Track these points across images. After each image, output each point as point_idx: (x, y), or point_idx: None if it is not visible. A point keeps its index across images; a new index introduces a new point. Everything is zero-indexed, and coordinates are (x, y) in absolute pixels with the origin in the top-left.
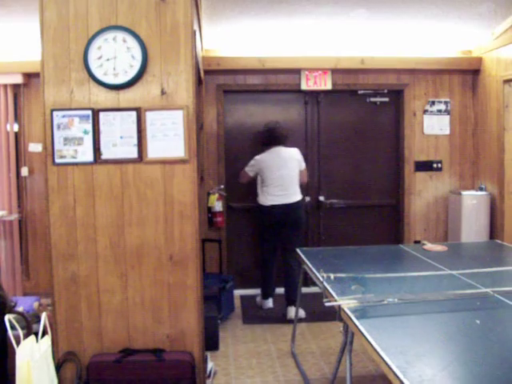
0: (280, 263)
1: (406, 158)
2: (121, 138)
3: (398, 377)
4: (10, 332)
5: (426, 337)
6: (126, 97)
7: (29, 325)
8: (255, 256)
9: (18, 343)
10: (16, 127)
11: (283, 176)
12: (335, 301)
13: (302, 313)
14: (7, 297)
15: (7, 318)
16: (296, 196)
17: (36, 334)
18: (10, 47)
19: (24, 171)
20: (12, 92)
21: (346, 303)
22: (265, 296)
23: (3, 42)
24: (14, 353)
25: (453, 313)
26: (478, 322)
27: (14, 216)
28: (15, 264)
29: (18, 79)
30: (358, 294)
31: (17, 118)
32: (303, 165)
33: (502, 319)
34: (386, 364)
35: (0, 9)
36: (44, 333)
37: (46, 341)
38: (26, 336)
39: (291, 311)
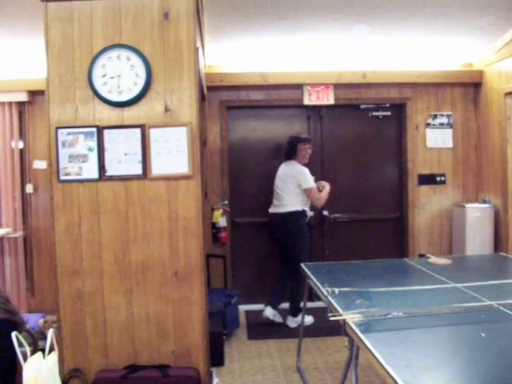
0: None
1: (409, 171)
2: (125, 154)
3: None
4: (17, 349)
5: (431, 350)
6: (131, 114)
7: (35, 342)
8: (260, 271)
9: (25, 360)
10: (21, 144)
11: (277, 186)
12: (340, 315)
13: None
14: (18, 315)
15: (14, 334)
16: (286, 207)
17: (42, 351)
18: (15, 65)
19: (29, 188)
20: (17, 109)
21: (351, 317)
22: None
23: (8, 60)
24: (21, 370)
25: (458, 326)
26: (483, 335)
27: (19, 233)
28: (20, 281)
29: (23, 97)
30: (362, 308)
31: (22, 136)
32: (302, 185)
33: (507, 332)
34: (392, 378)
35: (5, 27)
36: (50, 349)
37: (53, 357)
38: (33, 353)
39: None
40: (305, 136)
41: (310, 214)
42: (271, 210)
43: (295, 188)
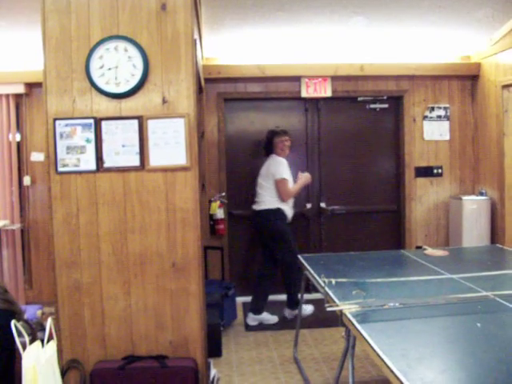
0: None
1: (406, 163)
2: (123, 146)
3: (399, 379)
4: (16, 338)
5: (427, 340)
6: (128, 105)
7: (33, 332)
8: (257, 263)
9: (24, 349)
10: (18, 137)
11: (257, 184)
12: (337, 306)
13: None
14: (16, 304)
15: (13, 323)
16: (262, 205)
17: (41, 341)
18: (12, 57)
19: (26, 180)
20: (14, 102)
21: (348, 308)
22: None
23: (5, 52)
24: (20, 360)
25: (454, 316)
26: (478, 325)
27: (17, 225)
28: (18, 273)
29: (20, 89)
30: (359, 299)
31: (19, 128)
32: (275, 175)
33: (503, 322)
34: (388, 367)
35: (2, 19)
36: (49, 339)
37: (52, 346)
38: (31, 343)
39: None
40: (280, 129)
41: (290, 213)
42: (252, 206)
43: (271, 185)
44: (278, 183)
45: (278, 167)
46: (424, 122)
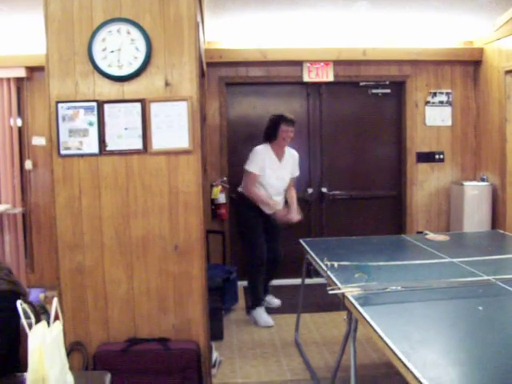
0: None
1: (408, 149)
2: (125, 129)
3: (402, 361)
4: (23, 319)
5: (429, 323)
6: (131, 88)
7: (38, 314)
8: None
9: (30, 330)
10: (19, 121)
11: None
12: (339, 289)
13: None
14: (21, 285)
15: (19, 304)
16: (239, 187)
17: (47, 323)
18: (13, 41)
19: (28, 165)
20: (15, 86)
21: (350, 291)
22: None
23: (6, 35)
24: (25, 341)
25: (455, 300)
26: (480, 308)
27: (18, 209)
28: (19, 257)
29: (21, 73)
30: (361, 282)
31: (20, 112)
32: (245, 166)
33: (504, 306)
34: (390, 349)
35: (3, 3)
36: (55, 319)
37: (57, 326)
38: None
39: None
40: (290, 117)
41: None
42: None
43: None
44: (245, 173)
45: (253, 157)
46: (426, 108)
